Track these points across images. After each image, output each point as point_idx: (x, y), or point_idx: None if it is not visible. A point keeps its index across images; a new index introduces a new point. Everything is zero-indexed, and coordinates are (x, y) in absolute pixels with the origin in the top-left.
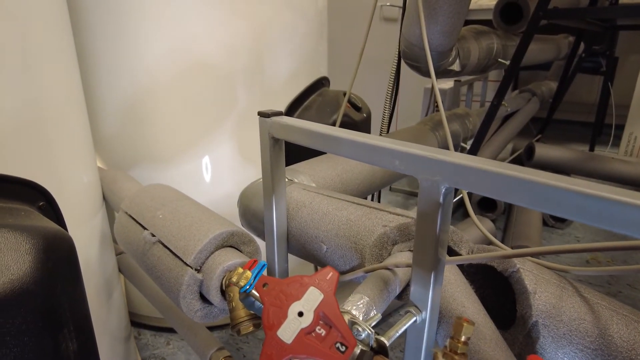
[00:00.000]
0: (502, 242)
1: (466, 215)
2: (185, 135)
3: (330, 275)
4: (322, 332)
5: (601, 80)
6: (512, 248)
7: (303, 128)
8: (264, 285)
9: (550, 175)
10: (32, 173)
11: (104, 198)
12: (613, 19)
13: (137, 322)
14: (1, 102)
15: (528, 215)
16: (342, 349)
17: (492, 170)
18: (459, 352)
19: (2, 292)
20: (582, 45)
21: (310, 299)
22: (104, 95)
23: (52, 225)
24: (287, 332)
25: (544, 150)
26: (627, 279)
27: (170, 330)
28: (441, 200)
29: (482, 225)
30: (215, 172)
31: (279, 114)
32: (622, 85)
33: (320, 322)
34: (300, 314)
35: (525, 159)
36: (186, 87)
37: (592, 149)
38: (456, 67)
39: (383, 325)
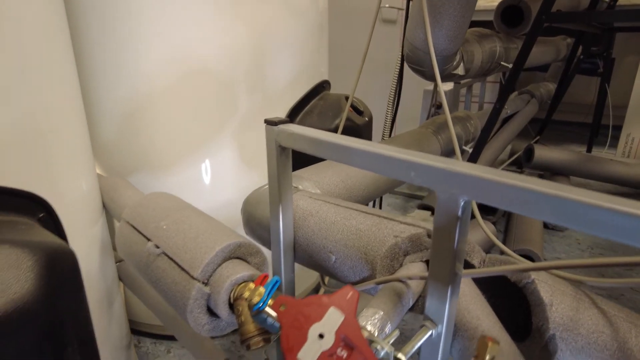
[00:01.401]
0: (504, 244)
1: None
2: (185, 141)
3: (350, 295)
4: (344, 353)
5: (598, 81)
6: (514, 251)
7: (312, 137)
8: (281, 306)
9: (574, 189)
10: (31, 183)
11: (104, 206)
12: (611, 22)
13: (136, 329)
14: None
15: (529, 222)
16: None
17: (513, 184)
18: None
19: (4, 312)
20: (580, 47)
21: (331, 321)
22: (103, 102)
23: (53, 239)
24: (308, 355)
25: (542, 152)
26: (632, 276)
27: (171, 338)
28: (460, 213)
29: (488, 230)
30: (216, 179)
31: (286, 121)
32: (619, 86)
33: (342, 343)
34: (321, 336)
35: (524, 160)
36: (186, 92)
37: (589, 150)
38: (460, 71)
39: None
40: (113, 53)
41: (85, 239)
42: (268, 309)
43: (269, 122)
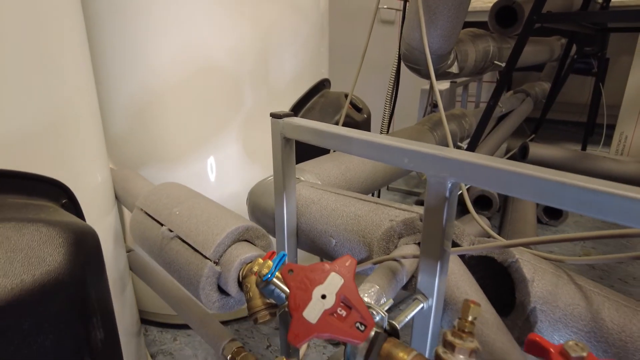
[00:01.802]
0: None
1: (464, 212)
2: (193, 135)
3: (348, 262)
4: (343, 313)
5: (593, 81)
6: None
7: (315, 128)
8: (289, 271)
9: (550, 170)
10: (52, 173)
11: (116, 197)
12: (604, 22)
13: (144, 319)
14: (26, 106)
15: (523, 213)
16: (362, 328)
17: (495, 167)
18: (466, 330)
19: (41, 282)
20: (574, 47)
21: (332, 283)
22: (114, 97)
23: (78, 220)
24: (312, 312)
25: (537, 150)
26: (619, 274)
27: (177, 326)
28: (447, 195)
29: (480, 220)
30: (221, 172)
31: (290, 115)
32: (613, 85)
33: (341, 304)
34: (323, 297)
35: (519, 158)
36: (194, 89)
37: (584, 149)
38: (454, 69)
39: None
40: (124, 51)
41: (100, 227)
42: (275, 280)
43: (274, 116)
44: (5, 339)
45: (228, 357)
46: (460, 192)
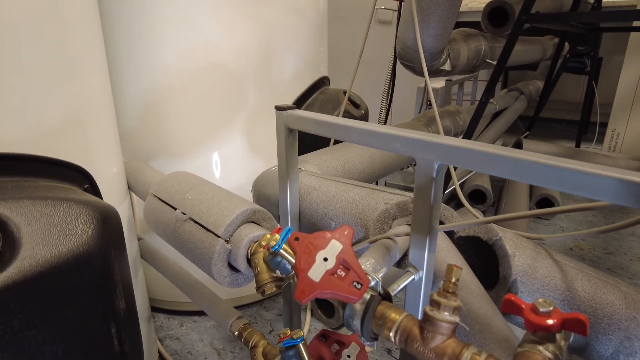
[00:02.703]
0: None
1: (458, 206)
2: (199, 130)
3: (347, 231)
4: (342, 274)
5: (586, 80)
6: None
7: (316, 119)
8: (295, 239)
9: (520, 151)
10: (75, 162)
11: (129, 187)
12: (596, 22)
13: (151, 306)
14: (54, 101)
15: (516, 207)
16: (358, 286)
17: (475, 149)
18: (450, 290)
19: (73, 253)
20: (567, 46)
21: (333, 248)
22: (125, 94)
23: (102, 201)
24: (316, 273)
25: (531, 146)
26: (607, 264)
27: (183, 313)
28: (434, 175)
29: (472, 209)
30: (226, 165)
31: (293, 107)
32: (606, 84)
33: (341, 266)
34: (325, 260)
35: None
36: (201, 86)
37: (578, 146)
38: (447, 66)
39: None
40: (135, 50)
41: None
42: (282, 251)
43: (278, 108)
44: (45, 302)
45: (236, 333)
46: (454, 187)
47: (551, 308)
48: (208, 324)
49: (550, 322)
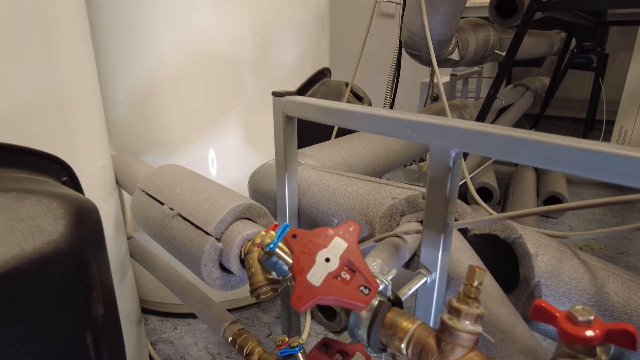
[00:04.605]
0: None
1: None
2: (194, 122)
3: (352, 227)
4: (347, 276)
5: (592, 77)
6: None
7: (317, 105)
8: (293, 236)
9: (552, 135)
10: (54, 153)
11: (117, 182)
12: (604, 14)
13: (144, 308)
14: (24, 80)
15: (523, 206)
16: (366, 291)
17: (498, 133)
18: (472, 296)
19: (41, 251)
20: (573, 42)
21: (336, 247)
22: (116, 83)
23: (79, 194)
24: (316, 275)
25: None
26: (620, 265)
27: (177, 315)
28: (451, 164)
29: (486, 206)
30: (222, 159)
31: (291, 93)
32: (612, 82)
33: (345, 267)
34: (327, 260)
35: None
36: (196, 76)
37: None
38: (455, 56)
39: None
40: (128, 37)
41: (100, 211)
42: (278, 251)
43: (276, 94)
44: (5, 307)
45: (229, 339)
46: (464, 181)
47: (592, 317)
48: (203, 327)
49: (591, 333)
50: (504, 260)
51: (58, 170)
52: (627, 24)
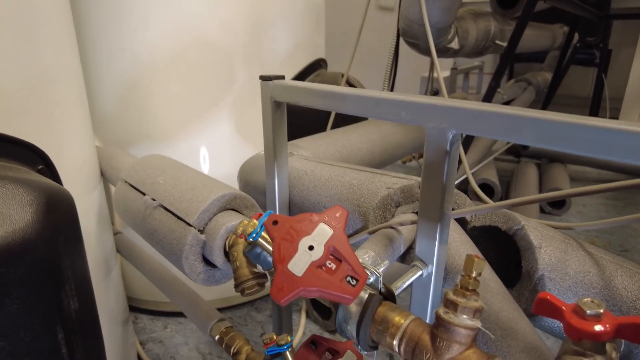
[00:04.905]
0: None
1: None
2: (184, 113)
3: (339, 213)
4: (333, 266)
5: (595, 73)
6: None
7: (306, 88)
8: (273, 222)
9: (555, 113)
10: (32, 142)
11: (102, 175)
12: (607, 6)
13: (134, 306)
14: (1, 63)
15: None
16: (353, 282)
17: (498, 112)
18: (470, 288)
19: (5, 241)
20: (576, 37)
21: (321, 234)
22: (102, 73)
23: (52, 182)
24: (298, 265)
25: None
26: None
27: (168, 314)
28: (448, 147)
29: (483, 194)
30: (213, 151)
31: (280, 77)
32: (615, 78)
33: (331, 256)
34: (311, 248)
35: (520, 147)
36: (185, 64)
37: None
38: (455, 45)
39: None
40: (112, 23)
41: (82, 204)
42: (261, 241)
43: (263, 78)
44: None
45: (216, 338)
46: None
47: (601, 310)
48: (194, 326)
49: (600, 328)
50: (505, 253)
51: (32, 157)
52: (630, 18)
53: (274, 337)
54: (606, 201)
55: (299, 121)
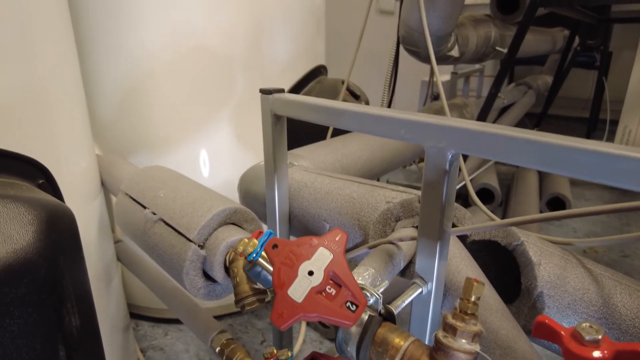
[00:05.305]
0: None
1: (466, 206)
2: (184, 121)
3: (339, 236)
4: (333, 291)
5: (595, 76)
6: None
7: (306, 103)
8: (273, 246)
9: (554, 135)
10: (31, 154)
11: (103, 184)
12: (607, 11)
13: (135, 313)
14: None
15: (525, 207)
16: (353, 308)
17: (497, 133)
18: (469, 312)
19: (6, 261)
20: (577, 40)
21: (320, 259)
22: (101, 80)
23: (53, 199)
24: (298, 290)
25: None
26: (624, 268)
27: (168, 321)
28: (447, 167)
29: (487, 211)
30: (213, 159)
31: (280, 91)
32: (616, 81)
33: (331, 281)
34: (311, 273)
35: None
36: (184, 72)
37: None
38: (455, 52)
39: None
40: (112, 31)
41: (83, 213)
42: (261, 260)
43: (263, 91)
44: None
45: (217, 350)
46: (463, 183)
47: (599, 336)
48: None
49: (598, 354)
50: (504, 268)
51: (33, 172)
52: (630, 22)
53: (275, 351)
54: None
55: (301, 125)
